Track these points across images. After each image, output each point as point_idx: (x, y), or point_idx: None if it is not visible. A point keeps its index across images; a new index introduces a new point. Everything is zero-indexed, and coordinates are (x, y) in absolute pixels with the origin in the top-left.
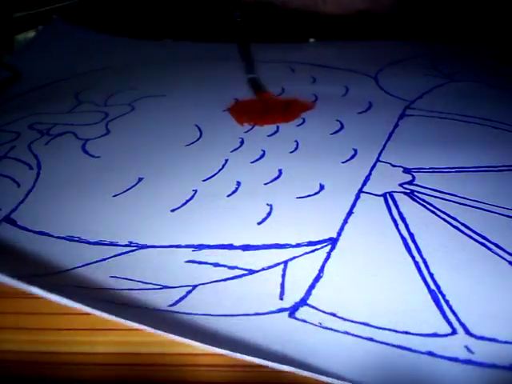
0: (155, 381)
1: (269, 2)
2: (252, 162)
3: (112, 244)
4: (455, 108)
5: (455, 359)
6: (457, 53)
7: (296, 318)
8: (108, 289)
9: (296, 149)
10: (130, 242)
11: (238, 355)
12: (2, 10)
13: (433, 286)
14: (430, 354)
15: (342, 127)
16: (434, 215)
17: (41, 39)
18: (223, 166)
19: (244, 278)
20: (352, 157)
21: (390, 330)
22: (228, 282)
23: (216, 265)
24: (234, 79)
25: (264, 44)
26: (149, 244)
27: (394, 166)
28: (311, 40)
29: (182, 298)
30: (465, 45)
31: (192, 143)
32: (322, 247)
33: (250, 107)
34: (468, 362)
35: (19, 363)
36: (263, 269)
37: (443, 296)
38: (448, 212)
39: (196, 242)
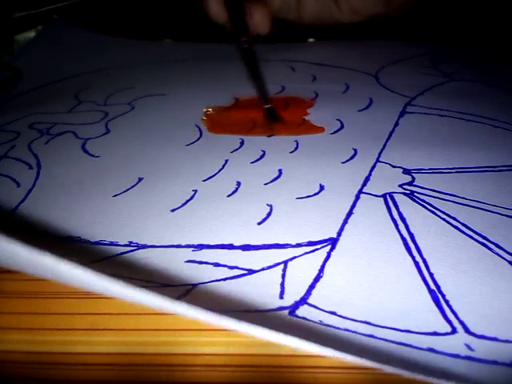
0: (155, 381)
1: (281, 20)
2: (252, 162)
3: (112, 244)
4: (455, 106)
5: (456, 355)
6: (457, 53)
7: (296, 316)
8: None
9: (296, 149)
10: (130, 242)
11: (242, 326)
12: (2, 10)
13: (433, 286)
14: (431, 350)
15: (342, 126)
16: (434, 215)
17: (41, 39)
18: (223, 166)
19: (244, 277)
20: (352, 157)
21: (390, 328)
22: (228, 281)
23: (216, 265)
24: (234, 79)
25: (264, 44)
26: (149, 244)
27: (393, 166)
28: (311, 40)
29: (181, 297)
30: (465, 45)
31: (192, 143)
32: (322, 247)
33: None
34: (469, 358)
35: (19, 363)
36: (263, 269)
37: (443, 296)
38: (448, 212)
39: (196, 242)
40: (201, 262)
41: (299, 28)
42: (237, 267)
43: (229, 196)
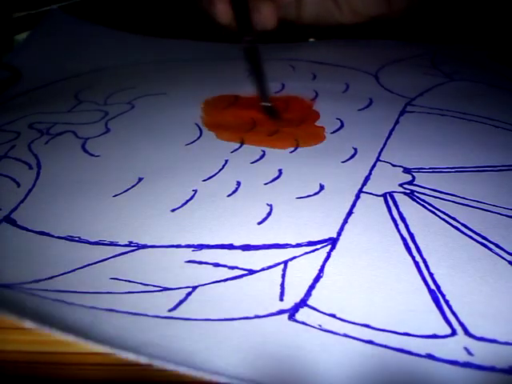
0: (155, 381)
1: (281, 19)
2: (252, 162)
3: (112, 244)
4: (455, 106)
5: (454, 362)
6: (457, 53)
7: (296, 321)
8: (107, 293)
9: (296, 148)
10: (130, 242)
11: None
12: (2, 10)
13: (433, 286)
14: (430, 356)
15: (342, 125)
16: (434, 215)
17: (40, 33)
18: (223, 166)
19: (244, 278)
20: (352, 156)
21: (389, 331)
22: (228, 282)
23: (216, 265)
24: (234, 78)
25: (264, 43)
26: (149, 244)
27: (394, 165)
28: (311, 39)
29: (181, 301)
30: (465, 45)
31: (192, 142)
32: (322, 247)
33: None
34: (467, 364)
35: (19, 363)
36: (263, 269)
37: (443, 296)
38: (448, 212)
39: (196, 242)
40: (201, 262)
41: (299, 28)
42: (237, 267)
43: (229, 196)
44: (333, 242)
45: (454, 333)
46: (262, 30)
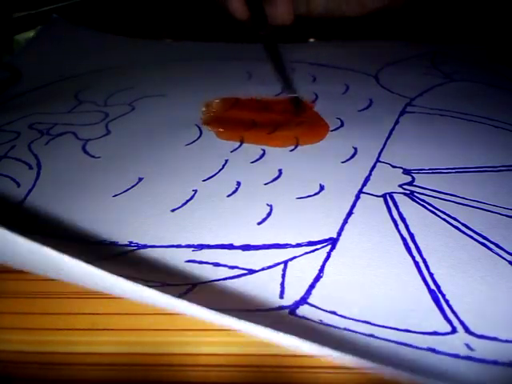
0: (155, 381)
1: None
2: (252, 162)
3: (112, 244)
4: (455, 106)
5: (456, 355)
6: (457, 53)
7: (296, 315)
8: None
9: (296, 147)
10: (130, 242)
11: (243, 325)
12: (2, 10)
13: (433, 286)
14: (431, 350)
15: (342, 124)
16: (434, 215)
17: (40, 38)
18: (223, 166)
19: (244, 277)
20: (352, 156)
21: (390, 328)
22: (228, 281)
23: (216, 264)
24: (233, 79)
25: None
26: (149, 244)
27: (393, 166)
28: (311, 40)
29: (182, 295)
30: (465, 45)
31: (192, 143)
32: (322, 247)
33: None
34: (468, 358)
35: (19, 363)
36: (263, 269)
37: (443, 296)
38: (448, 212)
39: (196, 242)
40: (201, 262)
41: (299, 28)
42: (237, 267)
43: (229, 196)
44: (333, 242)
45: (454, 330)
46: (279, 25)
